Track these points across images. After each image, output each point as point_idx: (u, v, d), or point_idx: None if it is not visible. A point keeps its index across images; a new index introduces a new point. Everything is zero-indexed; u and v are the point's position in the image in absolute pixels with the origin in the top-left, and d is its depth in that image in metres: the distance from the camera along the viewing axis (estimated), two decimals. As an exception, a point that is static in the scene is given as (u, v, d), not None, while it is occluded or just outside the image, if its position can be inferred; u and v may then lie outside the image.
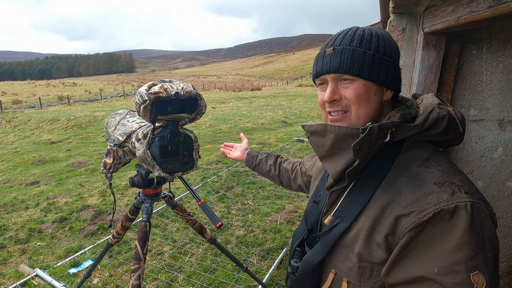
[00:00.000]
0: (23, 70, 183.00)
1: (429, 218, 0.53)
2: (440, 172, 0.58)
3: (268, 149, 6.79)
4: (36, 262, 2.69)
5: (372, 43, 0.64)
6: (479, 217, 0.52)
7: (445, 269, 0.51)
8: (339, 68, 0.64)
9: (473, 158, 1.34)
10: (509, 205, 1.34)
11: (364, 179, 0.65)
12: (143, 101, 1.03)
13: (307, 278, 0.71)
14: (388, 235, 0.58)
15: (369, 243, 0.61)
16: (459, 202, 0.52)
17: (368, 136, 0.58)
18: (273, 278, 2.41)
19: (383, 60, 0.64)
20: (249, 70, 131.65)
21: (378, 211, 0.60)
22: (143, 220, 1.35)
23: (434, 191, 0.55)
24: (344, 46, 0.64)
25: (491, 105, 1.25)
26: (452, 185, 0.55)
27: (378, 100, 0.66)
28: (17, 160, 7.81)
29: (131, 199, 4.09)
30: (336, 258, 0.67)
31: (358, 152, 0.59)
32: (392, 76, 0.65)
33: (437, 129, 0.62)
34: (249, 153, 1.35)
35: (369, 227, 0.61)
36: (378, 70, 0.63)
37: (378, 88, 0.65)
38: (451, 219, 0.52)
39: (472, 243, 0.51)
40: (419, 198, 0.56)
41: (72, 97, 26.62)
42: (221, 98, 23.62)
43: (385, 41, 0.65)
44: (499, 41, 1.18)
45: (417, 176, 0.59)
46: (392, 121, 0.61)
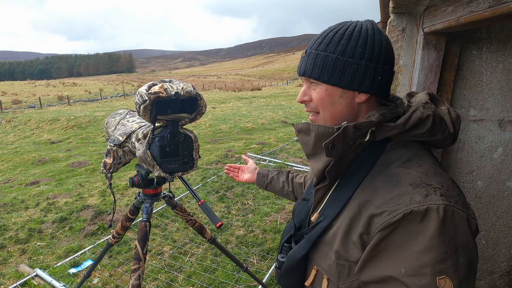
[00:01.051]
0: (23, 70, 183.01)
1: (399, 219, 0.53)
2: (418, 173, 0.58)
3: (268, 149, 6.79)
4: (36, 262, 2.69)
5: (338, 46, 0.62)
6: (452, 221, 0.51)
7: (411, 271, 0.51)
8: (305, 72, 0.66)
9: (473, 158, 1.34)
10: (509, 205, 1.34)
11: (348, 178, 0.66)
12: (143, 101, 1.03)
13: (291, 273, 0.73)
14: (363, 234, 0.58)
15: (346, 242, 0.61)
16: (431, 205, 0.52)
17: (342, 135, 0.59)
18: (273, 278, 2.41)
19: (347, 64, 0.61)
20: (249, 70, 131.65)
21: (355, 210, 0.61)
22: (143, 220, 1.35)
23: (408, 192, 0.55)
24: (312, 50, 0.65)
25: (491, 105, 1.25)
26: (428, 186, 0.55)
27: (346, 103, 0.65)
28: (17, 160, 7.81)
29: (131, 199, 4.09)
30: (318, 255, 0.68)
31: (331, 151, 0.60)
32: (360, 79, 0.62)
33: (421, 129, 0.61)
34: (259, 172, 1.29)
35: (346, 225, 0.61)
36: (340, 74, 0.62)
37: (344, 92, 0.64)
38: (422, 221, 0.52)
39: (441, 247, 0.50)
40: (392, 198, 0.56)
41: (72, 97, 26.63)
42: (221, 98, 23.62)
43: (357, 41, 0.61)
44: (499, 41, 1.18)
45: (394, 176, 0.59)
46: (369, 121, 0.60)
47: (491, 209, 1.37)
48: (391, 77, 0.65)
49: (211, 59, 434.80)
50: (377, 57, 0.62)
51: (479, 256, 1.44)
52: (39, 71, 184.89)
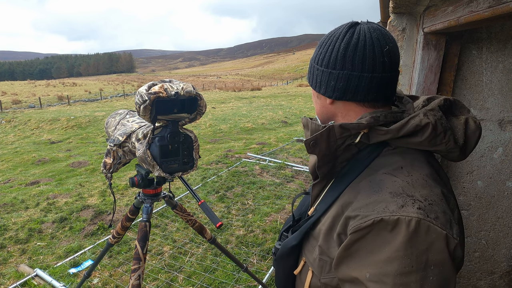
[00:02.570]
0: (23, 70, 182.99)
1: (368, 225, 0.52)
2: (404, 182, 0.56)
3: (268, 149, 6.79)
4: (36, 262, 2.69)
5: (315, 53, 0.69)
6: (426, 237, 0.50)
7: (374, 277, 0.52)
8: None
9: (473, 158, 1.34)
10: (509, 205, 1.34)
11: (341, 177, 0.67)
12: (143, 101, 1.03)
13: (284, 260, 0.76)
14: (341, 234, 0.59)
15: (328, 238, 0.63)
16: (402, 216, 0.50)
17: (326, 134, 0.61)
18: (273, 278, 2.41)
19: (313, 69, 0.69)
20: (249, 70, 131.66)
21: (338, 209, 0.62)
22: (143, 220, 1.35)
23: (385, 200, 0.54)
24: None
25: (491, 105, 1.25)
26: (408, 197, 0.53)
27: (321, 104, 0.71)
28: (17, 160, 7.81)
29: (131, 199, 4.09)
30: (307, 247, 0.70)
31: (312, 148, 0.62)
32: (318, 83, 0.67)
33: (420, 137, 0.59)
34: None
35: (329, 223, 0.63)
36: (311, 78, 0.70)
37: (318, 94, 0.70)
38: (391, 231, 0.51)
39: (407, 260, 0.49)
40: (368, 203, 0.56)
41: (72, 97, 26.62)
42: (221, 98, 23.62)
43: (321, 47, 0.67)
44: (499, 41, 1.18)
45: (378, 182, 0.58)
46: (357, 122, 0.60)
47: (491, 209, 1.37)
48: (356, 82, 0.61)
49: (211, 59, 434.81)
50: (333, 63, 0.63)
51: (479, 256, 1.44)
52: (39, 71, 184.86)
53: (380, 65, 0.60)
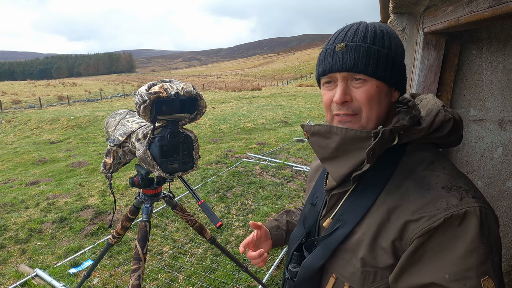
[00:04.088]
0: (23, 70, 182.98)
1: (439, 224, 0.52)
2: (446, 175, 0.58)
3: (268, 149, 6.79)
4: (36, 262, 2.69)
5: (384, 41, 0.60)
6: (487, 222, 0.52)
7: (456, 276, 0.51)
8: (353, 66, 0.59)
9: (473, 158, 1.34)
10: (509, 205, 1.34)
11: (367, 182, 0.63)
12: (143, 101, 1.03)
13: (307, 283, 0.69)
14: (395, 240, 0.57)
15: (374, 248, 0.59)
16: (468, 207, 0.52)
17: (381, 140, 0.57)
18: (273, 278, 2.41)
19: (395, 60, 0.61)
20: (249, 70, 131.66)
21: (383, 215, 0.59)
22: (143, 220, 1.35)
23: (443, 195, 0.54)
24: (358, 43, 0.59)
25: (491, 105, 1.25)
26: (460, 189, 0.55)
27: (388, 102, 0.64)
28: (17, 160, 7.81)
29: (131, 199, 4.09)
30: (338, 263, 0.65)
31: (372, 157, 0.58)
32: (402, 77, 0.64)
33: (442, 131, 0.62)
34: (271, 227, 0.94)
35: (374, 231, 0.59)
36: (391, 70, 0.60)
37: (388, 89, 0.62)
38: (460, 224, 0.52)
39: (482, 249, 0.50)
40: (428, 203, 0.55)
41: (72, 97, 26.62)
42: (221, 98, 23.62)
43: (395, 39, 0.63)
44: (499, 41, 1.18)
45: (424, 180, 0.58)
46: (402, 124, 0.59)
47: (491, 209, 1.37)
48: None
49: (211, 59, 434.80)
50: (404, 56, 0.65)
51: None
52: (39, 71, 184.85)
53: None
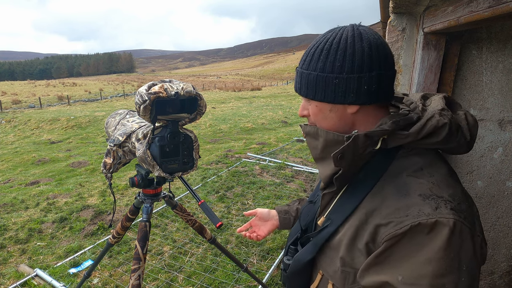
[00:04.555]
0: (23, 70, 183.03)
1: (405, 231, 0.52)
2: (430, 183, 0.56)
3: (268, 149, 6.79)
4: (36, 262, 2.69)
5: (318, 63, 0.61)
6: (460, 237, 0.50)
7: (408, 279, 0.51)
8: (296, 89, 0.68)
9: (473, 158, 1.34)
10: (509, 205, 1.34)
11: (356, 184, 0.65)
12: (143, 101, 1.03)
13: (297, 276, 0.73)
14: (369, 243, 0.58)
15: (352, 249, 0.61)
16: (440, 218, 0.50)
17: (353, 144, 0.58)
18: (273, 278, 2.41)
19: (328, 79, 0.60)
20: (249, 70, 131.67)
21: (362, 217, 0.60)
22: (143, 220, 1.35)
23: (417, 203, 0.54)
24: (299, 68, 0.66)
25: (491, 105, 1.25)
26: (439, 199, 0.53)
27: (338, 116, 0.64)
28: (17, 160, 7.81)
29: (131, 199, 4.09)
30: (324, 260, 0.68)
31: (339, 161, 0.60)
32: (343, 93, 0.60)
33: (437, 137, 0.59)
34: (280, 211, 1.07)
35: (352, 232, 0.61)
36: (323, 91, 0.61)
37: (333, 106, 0.63)
38: (429, 233, 0.51)
39: (445, 261, 0.49)
40: (400, 208, 0.55)
41: (72, 97, 26.63)
42: (221, 98, 23.62)
43: (335, 55, 0.59)
44: (499, 41, 1.18)
45: (404, 186, 0.57)
46: (381, 129, 0.59)
47: (491, 209, 1.37)
48: (385, 82, 0.61)
49: (211, 59, 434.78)
50: (359, 67, 0.58)
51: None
52: (39, 71, 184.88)
53: (384, 62, 0.60)
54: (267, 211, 1.07)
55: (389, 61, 0.61)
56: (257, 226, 1.07)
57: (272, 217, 1.06)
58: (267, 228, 1.05)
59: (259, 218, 1.08)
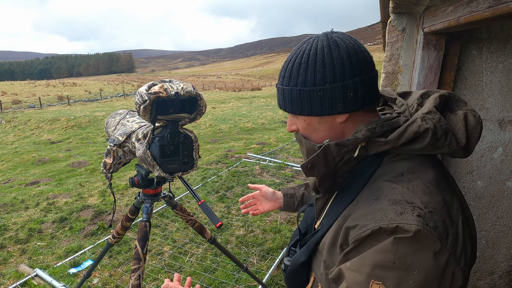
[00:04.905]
0: (23, 70, 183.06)
1: (366, 235, 0.52)
2: (404, 189, 0.54)
3: (268, 149, 6.79)
4: (36, 262, 2.69)
5: (298, 77, 0.59)
6: (418, 242, 0.48)
7: (353, 265, 0.52)
8: (281, 106, 0.66)
9: (473, 158, 1.34)
10: (509, 205, 1.34)
11: (343, 190, 0.65)
12: (143, 101, 1.03)
13: (293, 277, 0.75)
14: (343, 244, 0.58)
15: (332, 252, 0.61)
16: (401, 223, 0.49)
17: (323, 154, 0.59)
18: (273, 278, 2.41)
19: (312, 92, 0.59)
20: (249, 70, 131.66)
21: (341, 222, 0.61)
22: (143, 220, 1.35)
23: (384, 208, 0.53)
24: (279, 85, 0.65)
25: (491, 105, 1.25)
26: (407, 205, 0.52)
27: (327, 127, 0.63)
28: (17, 160, 7.81)
29: (131, 199, 4.09)
30: (315, 262, 0.69)
31: (310, 170, 0.60)
32: (330, 103, 0.58)
33: (420, 143, 0.56)
34: (286, 193, 1.09)
35: (332, 236, 0.62)
36: (309, 105, 0.60)
37: (321, 118, 0.62)
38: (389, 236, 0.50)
39: (390, 255, 0.48)
40: (367, 212, 0.55)
41: (72, 97, 26.62)
42: (221, 98, 23.62)
43: (314, 67, 0.57)
44: (499, 41, 1.18)
45: (377, 190, 0.57)
46: (354, 137, 0.58)
47: (491, 209, 1.37)
48: (369, 85, 0.59)
49: (211, 59, 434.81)
50: (341, 75, 0.56)
51: (479, 256, 1.44)
52: (39, 71, 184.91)
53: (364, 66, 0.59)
54: (272, 191, 1.10)
55: (369, 62, 0.59)
56: (259, 201, 1.10)
57: (276, 198, 1.09)
58: (268, 207, 1.09)
59: (262, 195, 1.10)
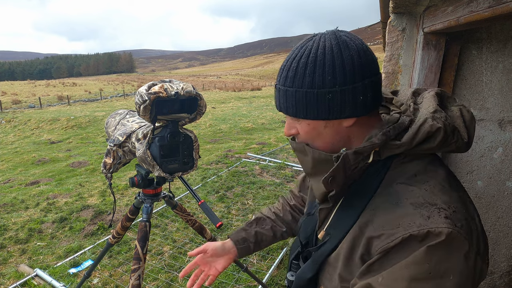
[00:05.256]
0: (23, 70, 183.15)
1: (396, 244, 0.50)
2: (422, 190, 0.53)
3: (268, 149, 6.79)
4: (36, 262, 2.69)
5: (305, 77, 0.55)
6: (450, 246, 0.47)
7: (386, 281, 0.50)
8: (281, 109, 0.61)
9: (473, 158, 1.34)
10: (509, 205, 1.34)
11: (351, 197, 0.62)
12: (143, 101, 1.03)
13: None
14: (364, 255, 0.56)
15: (349, 264, 0.59)
16: (432, 228, 0.48)
17: (343, 165, 0.56)
18: (273, 278, 2.41)
19: (320, 95, 0.55)
20: (249, 70, 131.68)
21: (357, 231, 0.58)
22: (143, 220, 1.35)
23: (409, 213, 0.51)
24: (279, 85, 0.60)
25: (491, 105, 1.25)
26: (432, 207, 0.51)
27: (333, 132, 0.60)
28: (17, 160, 7.81)
29: (131, 199, 4.09)
30: (325, 276, 0.66)
31: (331, 184, 0.57)
32: (339, 107, 0.55)
33: (432, 143, 0.56)
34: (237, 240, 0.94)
35: (348, 247, 0.59)
36: (316, 108, 0.56)
37: (327, 122, 0.58)
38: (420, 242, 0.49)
39: (425, 266, 0.47)
40: (391, 220, 0.52)
41: (72, 97, 26.63)
42: (221, 98, 23.62)
43: (324, 67, 0.54)
44: (499, 41, 1.18)
45: (394, 194, 0.55)
46: (371, 143, 0.56)
47: (491, 209, 1.37)
48: (376, 87, 0.57)
49: (211, 59, 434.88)
50: (351, 77, 0.53)
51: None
52: (39, 71, 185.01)
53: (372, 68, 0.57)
54: (220, 244, 0.93)
55: (376, 64, 0.57)
56: (207, 264, 0.92)
57: (227, 251, 0.93)
58: (223, 264, 0.92)
59: (210, 255, 0.92)
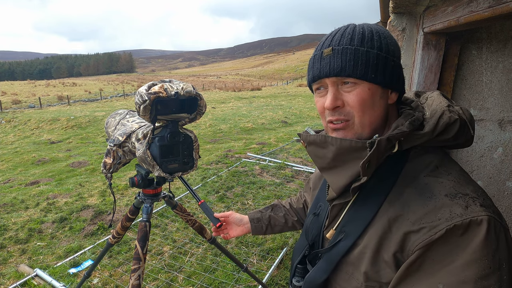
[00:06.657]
0: (23, 70, 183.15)
1: (441, 236, 0.49)
2: (451, 182, 0.54)
3: (268, 149, 6.78)
4: (36, 262, 2.69)
5: (374, 41, 0.57)
6: (495, 233, 0.48)
7: (450, 287, 0.47)
8: (341, 70, 0.57)
9: (473, 158, 1.34)
10: (509, 205, 1.34)
11: (368, 192, 0.61)
12: (143, 101, 1.03)
13: None
14: (397, 253, 0.54)
15: (376, 261, 0.56)
16: (474, 217, 0.48)
17: (377, 151, 0.54)
18: (273, 278, 2.41)
19: (387, 60, 0.57)
20: (249, 70, 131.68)
21: (385, 226, 0.56)
22: (143, 220, 1.35)
23: (446, 204, 0.51)
24: (345, 46, 0.57)
25: (491, 105, 1.25)
26: (466, 197, 0.51)
27: (383, 105, 0.60)
28: (17, 160, 7.81)
29: (131, 199, 4.09)
30: (341, 276, 0.63)
31: (368, 169, 0.55)
32: (397, 77, 0.59)
33: (448, 134, 0.58)
34: (253, 218, 1.07)
35: (375, 244, 0.56)
36: (383, 71, 0.57)
37: (383, 92, 0.59)
38: (463, 234, 0.48)
39: (485, 261, 0.46)
40: (429, 212, 0.51)
41: (72, 97, 26.62)
42: (221, 98, 23.62)
43: (387, 38, 0.59)
44: (499, 41, 1.18)
45: (426, 187, 0.54)
46: (401, 131, 0.56)
47: (491, 209, 1.37)
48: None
49: (211, 59, 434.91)
50: (399, 55, 0.61)
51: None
52: (39, 71, 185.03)
53: None
54: (239, 217, 1.11)
55: None
56: (230, 225, 1.13)
57: (244, 224, 1.10)
58: (237, 232, 1.10)
59: (231, 221, 1.12)
